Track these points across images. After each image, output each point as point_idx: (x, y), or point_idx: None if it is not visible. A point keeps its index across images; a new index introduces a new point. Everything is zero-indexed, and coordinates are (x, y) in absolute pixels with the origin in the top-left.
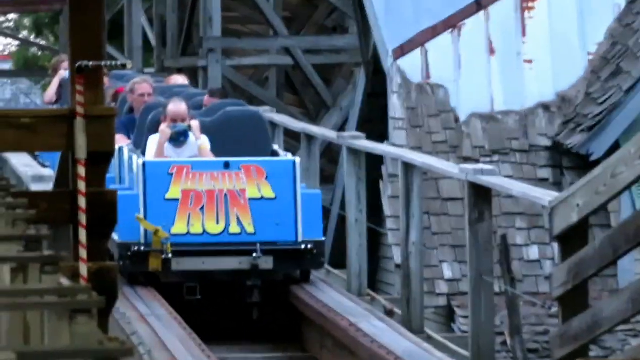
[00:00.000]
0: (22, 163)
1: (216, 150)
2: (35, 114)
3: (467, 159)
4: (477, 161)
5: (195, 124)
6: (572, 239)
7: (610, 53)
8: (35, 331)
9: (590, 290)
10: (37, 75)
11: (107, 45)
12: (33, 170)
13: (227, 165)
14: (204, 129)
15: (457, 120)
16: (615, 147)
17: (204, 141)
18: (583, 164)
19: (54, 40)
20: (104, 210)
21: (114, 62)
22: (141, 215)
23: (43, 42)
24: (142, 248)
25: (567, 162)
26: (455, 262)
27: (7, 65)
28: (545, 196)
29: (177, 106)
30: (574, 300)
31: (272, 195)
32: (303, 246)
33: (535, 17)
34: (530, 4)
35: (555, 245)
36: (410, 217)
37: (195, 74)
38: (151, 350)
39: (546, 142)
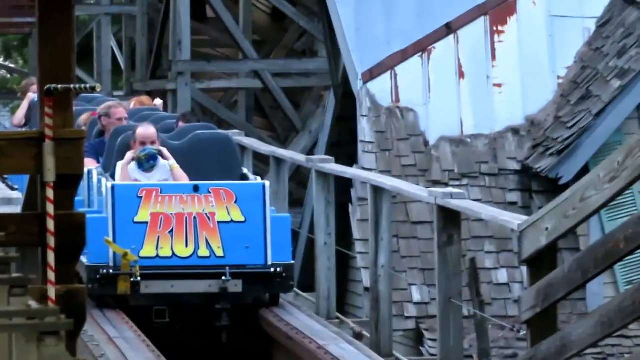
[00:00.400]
0: None
1: (186, 173)
2: (3, 136)
3: (436, 183)
4: (446, 185)
5: (164, 149)
6: (541, 263)
7: (580, 77)
8: (3, 353)
9: (559, 313)
10: (6, 98)
11: (76, 68)
12: (1, 192)
13: (196, 189)
14: (173, 152)
15: (426, 143)
16: (584, 170)
17: (175, 161)
18: (552, 187)
19: (22, 63)
20: (73, 233)
21: (83, 85)
22: (110, 238)
23: (12, 65)
24: (111, 271)
25: (536, 186)
26: (424, 285)
27: None
28: (514, 220)
29: (146, 129)
30: (542, 323)
31: (241, 218)
32: (272, 269)
33: (505, 40)
34: (500, 28)
35: (524, 269)
36: (379, 240)
37: (164, 97)
38: None
39: (515, 166)
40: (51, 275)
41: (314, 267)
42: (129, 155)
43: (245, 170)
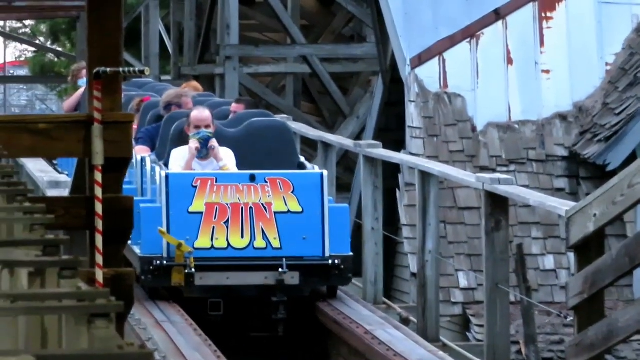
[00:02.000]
0: (37, 169)
1: (241, 162)
2: (52, 119)
3: (483, 169)
4: (493, 170)
5: (215, 145)
6: (588, 249)
7: (628, 63)
8: (53, 335)
9: (606, 300)
10: (53, 81)
11: (124, 52)
12: (49, 175)
13: (252, 178)
14: (229, 140)
15: (474, 129)
16: (632, 157)
17: (227, 163)
18: (600, 174)
19: (70, 46)
20: (121, 216)
21: (132, 69)
22: (164, 229)
23: (59, 49)
24: (165, 262)
25: (584, 172)
26: (471, 271)
27: (23, 71)
28: (562, 206)
29: (200, 112)
30: (589, 309)
31: (298, 209)
32: (330, 261)
33: (553, 27)
34: (548, 14)
35: (571, 255)
36: (426, 225)
37: (212, 82)
38: (167, 356)
39: (563, 152)
40: (99, 259)
41: (361, 253)
42: (193, 147)
43: (302, 159)
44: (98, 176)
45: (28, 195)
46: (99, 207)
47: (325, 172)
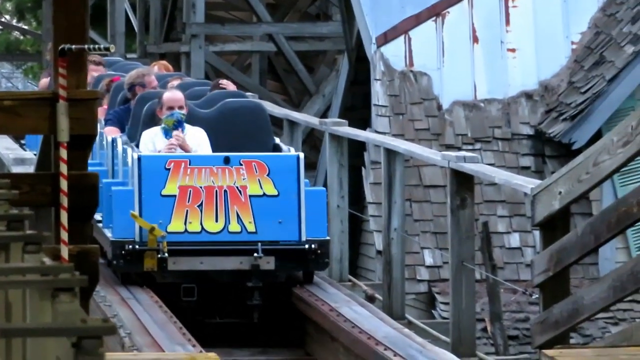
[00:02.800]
0: (3, 146)
1: (215, 144)
2: (17, 96)
3: (449, 147)
4: (459, 149)
5: (181, 136)
6: (553, 227)
7: (594, 42)
8: (17, 309)
9: (571, 278)
10: (19, 59)
11: (90, 30)
12: (15, 153)
13: (227, 161)
14: (202, 121)
15: (439, 108)
16: (597, 136)
17: (197, 149)
18: (565, 152)
19: (36, 24)
20: (86, 193)
21: (97, 46)
22: (136, 212)
23: (25, 27)
24: (137, 247)
25: (549, 151)
26: (436, 248)
27: None
28: (528, 183)
29: (173, 94)
30: (554, 287)
31: (274, 192)
32: (307, 246)
33: (519, 6)
34: None
35: (537, 233)
36: (392, 203)
37: (178, 60)
38: (132, 333)
39: (528, 131)
40: (64, 235)
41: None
42: (160, 129)
43: (277, 141)
44: (63, 153)
45: None
46: (64, 184)
47: (301, 155)
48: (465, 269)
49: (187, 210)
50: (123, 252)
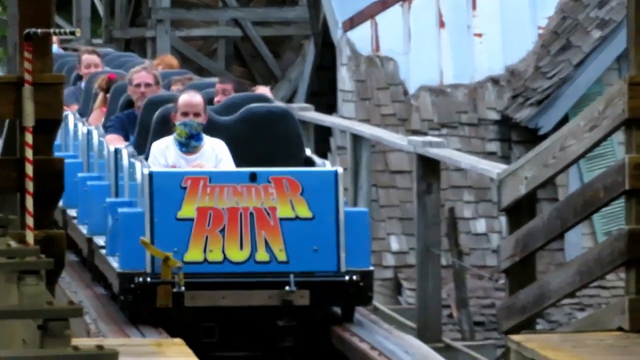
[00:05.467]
0: None
1: (238, 157)
2: None
3: (415, 132)
4: (425, 134)
5: (201, 165)
6: (519, 212)
7: (561, 27)
8: None
9: (537, 263)
10: None
11: (55, 15)
12: None
13: (253, 177)
14: (222, 130)
15: (406, 93)
16: (564, 121)
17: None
18: (531, 137)
19: (1, 9)
20: (51, 178)
21: (62, 30)
22: (147, 239)
23: None
24: (149, 279)
25: (516, 136)
26: (402, 234)
27: None
28: (494, 168)
29: (191, 97)
30: (521, 272)
31: (308, 214)
32: (346, 277)
33: None
34: None
35: (503, 219)
36: (358, 189)
37: (143, 45)
38: (97, 319)
39: (495, 116)
40: (29, 220)
41: None
42: (171, 140)
43: (308, 153)
44: (29, 138)
45: None
46: (29, 169)
47: (340, 170)
48: (432, 255)
49: (207, 236)
50: (132, 285)
